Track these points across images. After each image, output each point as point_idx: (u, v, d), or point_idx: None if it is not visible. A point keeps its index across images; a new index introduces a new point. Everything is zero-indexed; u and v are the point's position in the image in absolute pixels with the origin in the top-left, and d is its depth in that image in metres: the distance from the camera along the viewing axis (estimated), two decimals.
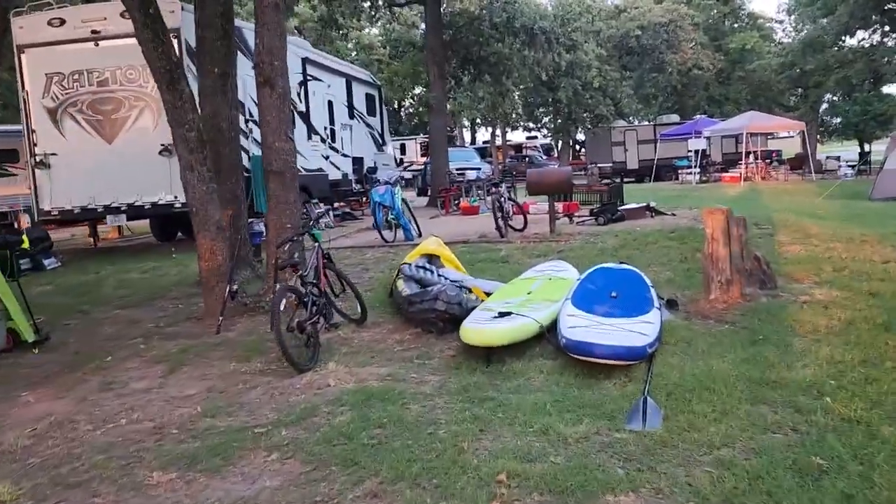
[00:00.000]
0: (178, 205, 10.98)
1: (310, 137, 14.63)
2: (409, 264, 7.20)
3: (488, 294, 6.71)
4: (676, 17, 33.39)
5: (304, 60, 14.46)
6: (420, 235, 11.85)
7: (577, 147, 45.99)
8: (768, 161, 31.38)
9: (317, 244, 6.22)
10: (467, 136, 59.37)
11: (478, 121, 47.18)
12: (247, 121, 11.93)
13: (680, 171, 30.37)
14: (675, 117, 34.86)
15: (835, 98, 38.12)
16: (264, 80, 7.30)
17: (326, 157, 15.55)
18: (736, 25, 43.95)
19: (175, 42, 10.32)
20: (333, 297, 6.57)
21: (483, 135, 54.45)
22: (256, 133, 12.31)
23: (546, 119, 38.18)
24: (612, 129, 33.76)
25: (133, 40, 6.87)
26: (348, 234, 12.92)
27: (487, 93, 22.37)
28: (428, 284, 6.85)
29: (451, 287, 6.10)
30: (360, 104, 18.11)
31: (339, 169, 16.26)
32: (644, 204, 12.71)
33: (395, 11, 21.95)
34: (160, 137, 10.48)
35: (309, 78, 14.64)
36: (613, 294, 5.92)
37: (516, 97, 32.84)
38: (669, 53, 33.29)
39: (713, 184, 27.24)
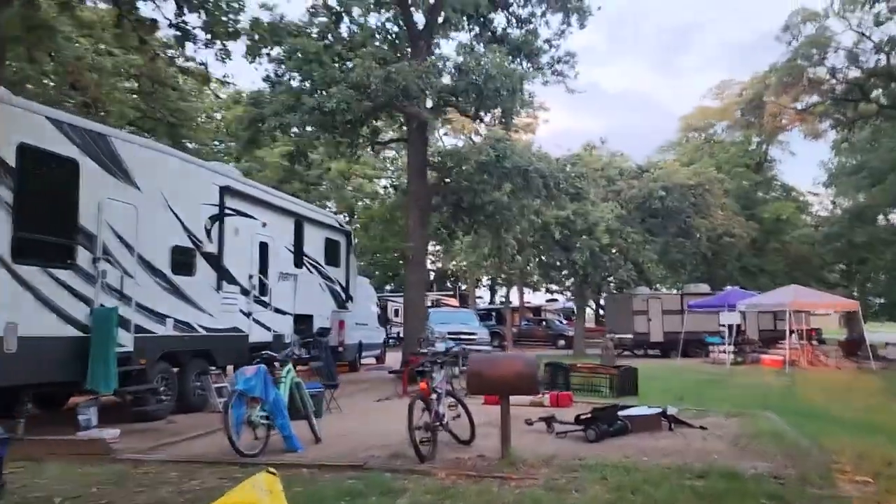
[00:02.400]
0: None
1: (220, 287, 11.17)
2: None
3: None
4: (704, 180, 30.75)
5: (224, 190, 11.33)
6: (318, 442, 7.93)
7: (601, 313, 42.27)
8: (813, 342, 27.29)
9: None
10: (486, 295, 56.38)
11: (499, 280, 44.09)
12: (95, 259, 8.54)
13: (711, 349, 26.34)
14: (704, 287, 31.27)
15: (879, 276, 34.52)
16: None
17: (247, 314, 12.01)
18: (769, 196, 41.39)
19: None
20: None
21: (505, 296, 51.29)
22: (113, 276, 8.91)
23: (568, 282, 34.82)
24: (634, 297, 30.14)
25: None
26: None
27: (485, 247, 19.16)
28: None
29: None
30: (314, 251, 14.86)
31: (268, 329, 12.65)
32: (658, 410, 8.71)
33: (378, 150, 19.32)
34: None
35: (229, 212, 11.45)
36: None
37: (531, 257, 29.80)
38: (697, 218, 30.29)
39: (751, 366, 23.08)
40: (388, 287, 41.60)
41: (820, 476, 5.83)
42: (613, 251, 28.50)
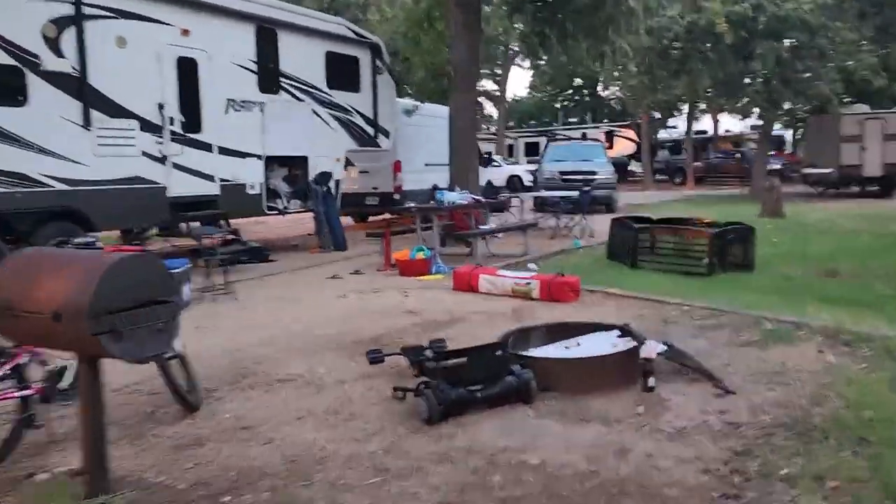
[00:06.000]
0: None
1: (89, 122, 8.01)
2: None
3: None
4: None
5: None
6: None
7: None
8: None
9: None
10: (682, 125, 48.92)
11: (701, 105, 36.54)
12: None
13: None
14: None
15: None
16: None
17: (161, 159, 8.84)
18: None
19: None
20: None
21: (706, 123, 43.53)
22: None
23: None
24: (843, 118, 22.71)
25: None
26: None
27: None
28: None
29: None
30: (305, 70, 11.07)
31: (209, 178, 9.48)
32: (626, 340, 4.15)
33: None
34: None
35: (97, 13, 8.01)
36: None
37: (698, 71, 23.05)
38: None
39: None
40: None
41: None
42: (816, 53, 21.00)
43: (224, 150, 9.70)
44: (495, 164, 34.37)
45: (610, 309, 6.17)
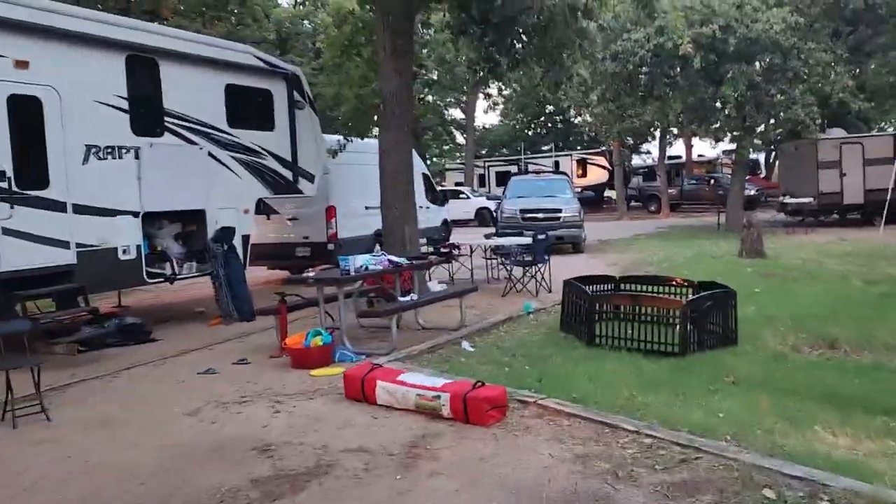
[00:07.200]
0: None
1: None
2: None
3: None
4: None
5: None
6: None
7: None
8: None
9: None
10: (654, 150, 47.73)
11: (673, 130, 35.09)
12: None
13: None
14: None
15: None
16: None
17: None
18: None
19: None
20: None
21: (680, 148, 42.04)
22: None
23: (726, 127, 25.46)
24: (820, 143, 21.43)
25: None
26: None
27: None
28: None
29: None
30: (204, 107, 9.21)
31: (63, 245, 7.58)
32: None
33: None
34: None
35: None
36: None
37: (666, 96, 21.58)
38: None
39: None
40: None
41: None
42: (790, 76, 19.65)
43: (82, 209, 7.80)
44: (463, 195, 32.80)
45: (541, 442, 4.34)
